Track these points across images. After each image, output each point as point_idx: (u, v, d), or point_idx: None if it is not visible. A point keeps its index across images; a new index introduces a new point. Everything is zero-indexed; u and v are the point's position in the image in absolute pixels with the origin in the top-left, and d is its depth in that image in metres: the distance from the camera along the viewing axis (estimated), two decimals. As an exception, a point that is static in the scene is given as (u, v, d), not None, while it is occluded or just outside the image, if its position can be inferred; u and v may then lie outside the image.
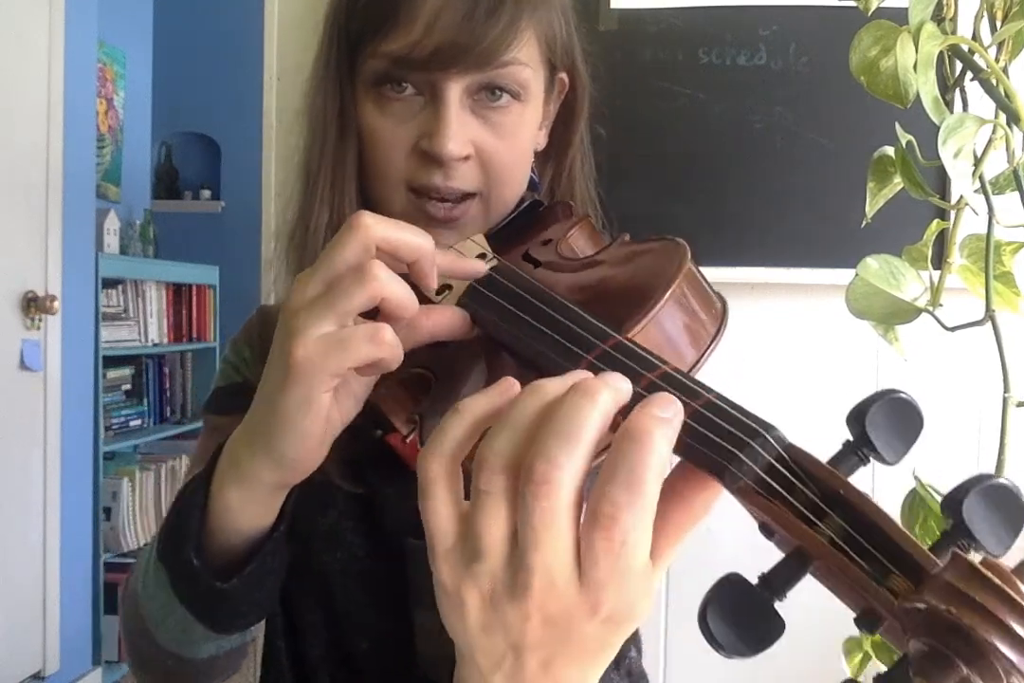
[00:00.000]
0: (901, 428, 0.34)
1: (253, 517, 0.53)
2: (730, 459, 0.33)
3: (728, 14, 1.34)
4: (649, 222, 1.35)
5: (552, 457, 0.32)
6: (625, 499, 0.31)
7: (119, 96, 3.42)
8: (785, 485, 0.33)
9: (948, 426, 1.36)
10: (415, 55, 0.59)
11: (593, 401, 0.33)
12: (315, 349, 0.43)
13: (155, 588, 0.55)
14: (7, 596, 2.24)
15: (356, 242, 0.45)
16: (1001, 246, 0.59)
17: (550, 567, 0.33)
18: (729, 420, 0.34)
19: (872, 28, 0.57)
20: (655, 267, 0.46)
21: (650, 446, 0.32)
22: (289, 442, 0.47)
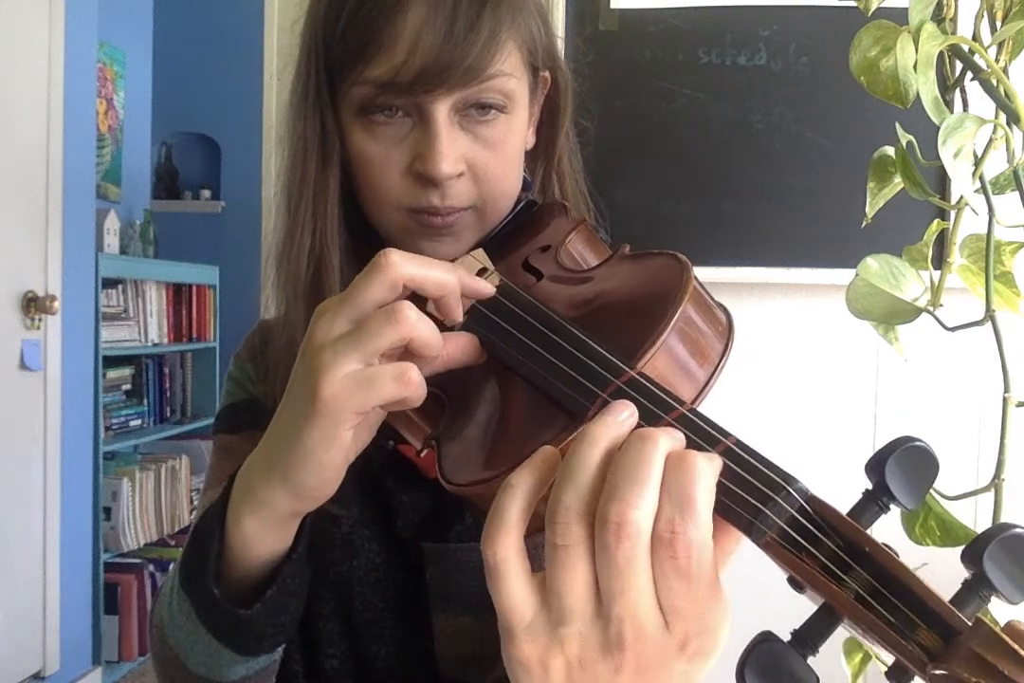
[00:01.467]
0: (918, 475, 0.35)
1: (270, 544, 0.53)
2: (755, 514, 0.34)
3: (728, 14, 1.34)
4: (649, 222, 1.35)
5: (625, 498, 0.33)
6: (679, 517, 0.33)
7: (119, 96, 3.42)
8: (809, 538, 0.34)
9: (948, 426, 1.36)
10: (399, 79, 0.59)
11: (655, 444, 0.35)
12: (342, 388, 0.44)
13: (180, 617, 0.56)
14: (7, 596, 2.24)
15: (384, 281, 0.45)
16: (1001, 246, 0.59)
17: (637, 613, 0.34)
18: (751, 471, 0.35)
19: (872, 28, 0.57)
20: (659, 287, 0.46)
21: (696, 467, 0.33)
22: (308, 474, 0.47)
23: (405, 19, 0.58)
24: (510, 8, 0.61)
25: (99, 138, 3.11)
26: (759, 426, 1.39)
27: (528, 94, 0.67)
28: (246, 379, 0.77)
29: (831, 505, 0.35)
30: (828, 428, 1.38)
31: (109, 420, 2.93)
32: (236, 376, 0.78)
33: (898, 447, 0.35)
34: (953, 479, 0.67)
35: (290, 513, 0.51)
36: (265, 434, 0.51)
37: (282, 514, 0.51)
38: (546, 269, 0.57)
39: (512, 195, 0.67)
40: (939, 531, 0.55)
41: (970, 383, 1.35)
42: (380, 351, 0.44)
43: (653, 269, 0.51)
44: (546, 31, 0.68)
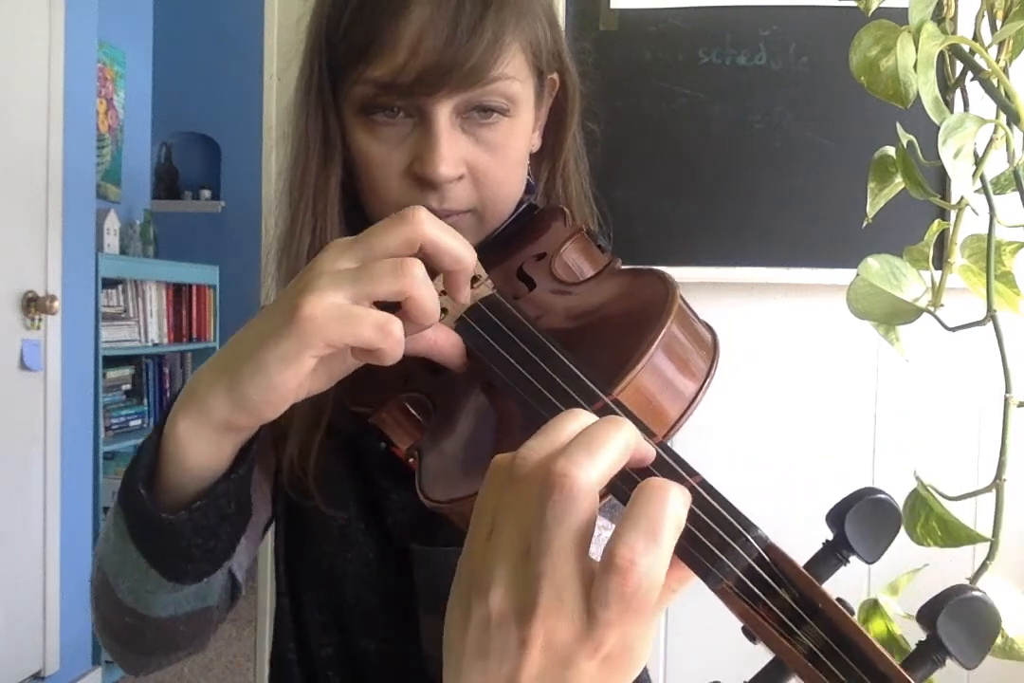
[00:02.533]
0: (879, 529, 0.34)
1: (201, 453, 0.51)
2: (713, 561, 0.34)
3: (728, 14, 1.34)
4: (649, 222, 1.35)
5: (572, 456, 0.33)
6: (643, 546, 0.32)
7: (119, 96, 3.42)
8: (764, 589, 0.34)
9: (949, 426, 1.36)
10: (401, 80, 0.58)
11: (620, 427, 0.35)
12: (323, 312, 0.43)
13: (114, 535, 0.55)
14: (7, 596, 2.24)
15: (404, 233, 0.45)
16: (1002, 246, 0.59)
17: (559, 582, 0.33)
18: (712, 515, 0.35)
19: (872, 28, 0.57)
20: (643, 309, 0.46)
21: (670, 498, 0.33)
22: (255, 387, 0.46)
23: (408, 20, 0.58)
24: (515, 10, 0.60)
25: (99, 138, 3.11)
26: (759, 426, 1.39)
27: (533, 97, 0.66)
28: None
29: (789, 556, 0.34)
30: (828, 428, 1.38)
31: (109, 420, 2.93)
32: None
33: (859, 499, 0.35)
34: (954, 479, 0.67)
35: (224, 422, 0.49)
36: (232, 339, 0.49)
37: (216, 421, 0.49)
38: (539, 279, 0.57)
39: (513, 199, 0.67)
40: (940, 532, 0.55)
41: (971, 383, 1.35)
42: (375, 296, 0.44)
43: (639, 289, 0.51)
44: (553, 33, 0.67)
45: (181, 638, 0.61)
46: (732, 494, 0.37)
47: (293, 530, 0.72)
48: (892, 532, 0.34)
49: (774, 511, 1.38)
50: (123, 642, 0.62)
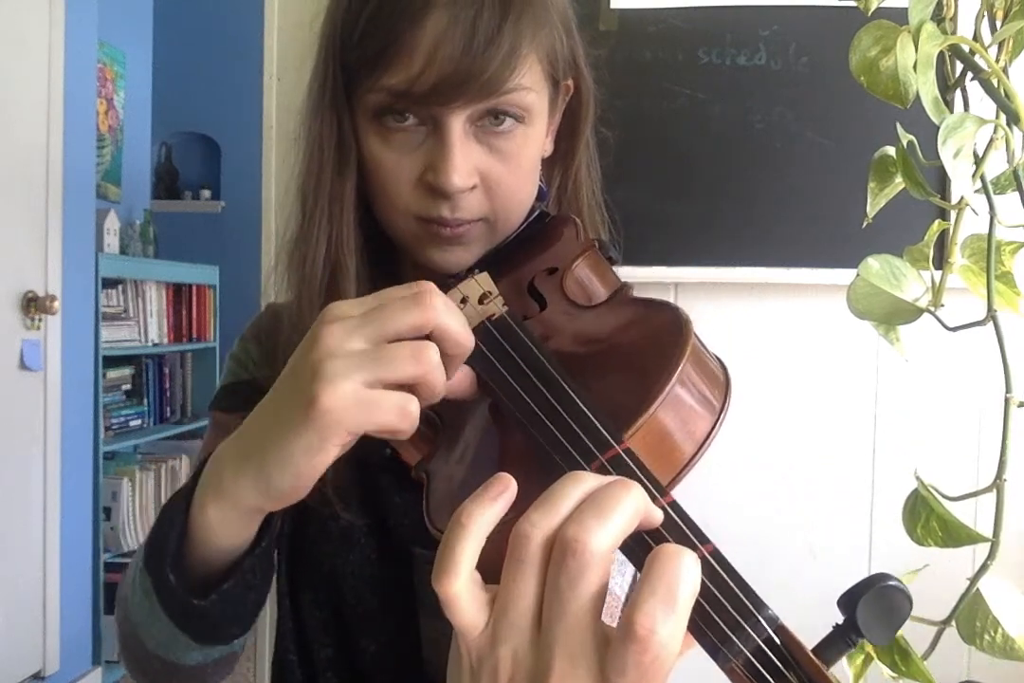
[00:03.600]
0: (890, 615, 0.35)
1: (231, 535, 0.52)
2: (723, 640, 0.34)
3: (728, 14, 1.34)
4: (649, 222, 1.35)
5: (585, 524, 0.33)
6: (663, 615, 0.31)
7: (119, 96, 3.42)
8: (772, 671, 0.33)
9: (949, 426, 1.36)
10: (416, 89, 0.58)
11: (630, 491, 0.35)
12: (343, 404, 0.43)
13: (142, 595, 0.55)
14: (7, 596, 2.24)
15: (419, 319, 0.44)
16: (1002, 246, 0.59)
17: (573, 648, 0.33)
18: (723, 590, 0.35)
19: (872, 28, 0.57)
20: (658, 344, 0.46)
21: (685, 564, 0.32)
22: (283, 478, 0.46)
23: (424, 28, 0.57)
24: (532, 21, 0.59)
25: (99, 138, 3.11)
26: (759, 426, 1.39)
27: (547, 105, 0.66)
28: (248, 359, 0.77)
29: (798, 638, 0.34)
30: (828, 428, 1.38)
31: (109, 420, 2.93)
32: (239, 355, 0.78)
33: (872, 586, 0.35)
34: (954, 480, 0.67)
35: (254, 509, 0.50)
36: (246, 421, 0.49)
37: (246, 509, 0.50)
38: (550, 298, 0.56)
39: (525, 207, 0.67)
40: (941, 532, 0.55)
41: (971, 383, 1.35)
42: (390, 382, 0.44)
43: (653, 322, 0.50)
44: (569, 41, 0.66)
45: (209, 677, 0.62)
46: (732, 494, 0.37)
47: (295, 531, 0.72)
48: (902, 618, 0.35)
49: (774, 511, 1.38)
50: (151, 679, 0.63)
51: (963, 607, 0.54)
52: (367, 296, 0.46)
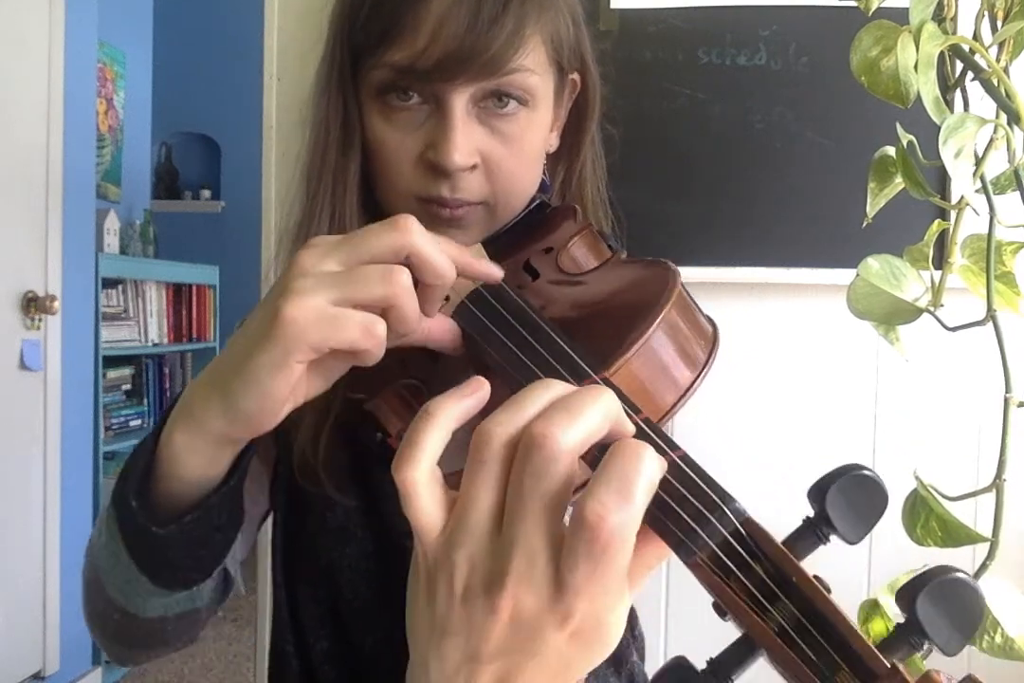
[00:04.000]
0: (863, 507, 0.33)
1: (198, 465, 0.50)
2: (687, 532, 0.33)
3: (728, 14, 1.34)
4: (649, 222, 1.35)
5: (553, 419, 0.33)
6: (615, 504, 0.31)
7: (119, 96, 3.42)
8: (739, 563, 0.33)
9: (949, 427, 1.36)
10: (419, 65, 0.58)
11: (599, 398, 0.34)
12: (306, 315, 0.42)
13: (107, 534, 0.54)
14: (7, 596, 2.24)
15: (393, 241, 0.44)
16: (1002, 246, 0.59)
17: (531, 549, 0.32)
18: (690, 487, 0.34)
19: (873, 28, 0.57)
20: (644, 295, 0.46)
21: (644, 457, 0.32)
22: (247, 398, 0.45)
23: (429, 6, 0.58)
24: (538, 4, 0.60)
25: (99, 138, 3.11)
26: (759, 426, 1.39)
27: (552, 93, 0.66)
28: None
29: (766, 530, 0.33)
30: (828, 428, 1.38)
31: (109, 420, 2.93)
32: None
33: (843, 474, 0.34)
34: (954, 479, 0.67)
35: (220, 435, 0.49)
36: (222, 352, 0.49)
37: (213, 435, 0.48)
38: (543, 271, 0.56)
39: (527, 194, 0.67)
40: (940, 532, 0.55)
41: (971, 383, 1.35)
42: (359, 302, 0.43)
43: (642, 276, 0.51)
44: (576, 31, 0.67)
45: (170, 636, 0.61)
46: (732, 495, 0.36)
47: (292, 522, 0.72)
48: (877, 511, 0.34)
49: (774, 511, 1.38)
50: (110, 636, 0.62)
51: (963, 607, 0.54)
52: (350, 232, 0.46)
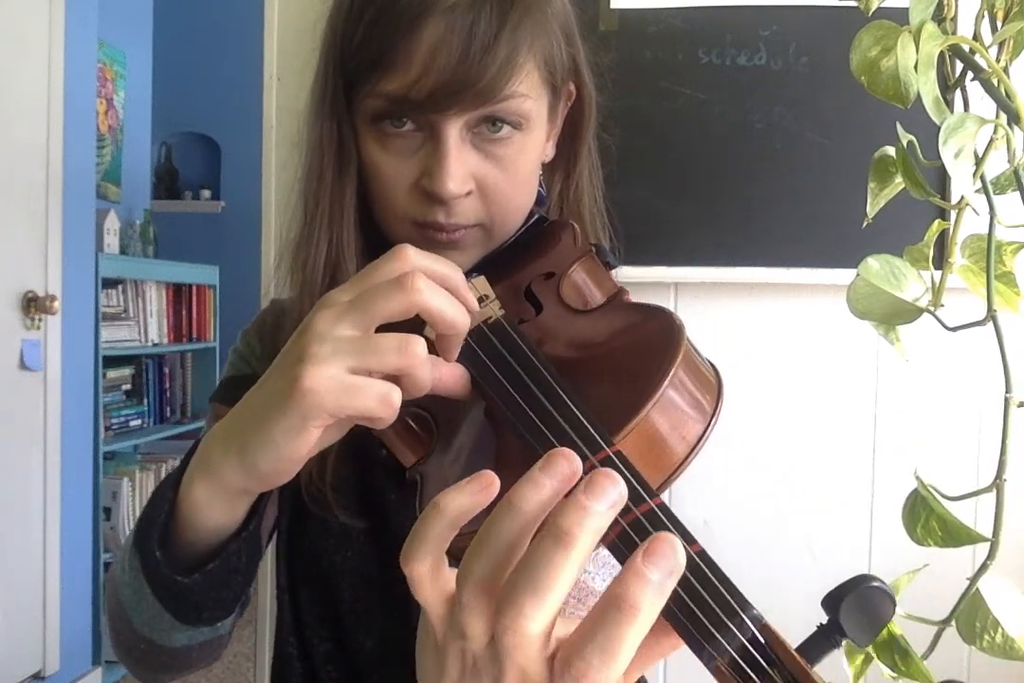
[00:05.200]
0: (873, 615, 0.35)
1: (217, 515, 0.52)
2: (708, 639, 0.34)
3: (728, 14, 1.34)
4: (649, 222, 1.35)
5: (521, 607, 0.32)
6: (598, 662, 0.31)
7: (119, 96, 3.42)
8: (756, 670, 0.34)
9: (949, 426, 1.36)
10: (412, 96, 0.58)
11: (567, 552, 0.31)
12: (324, 386, 0.43)
13: (130, 573, 0.55)
14: (7, 596, 2.24)
15: (403, 301, 0.44)
16: (1002, 246, 0.59)
17: (522, 669, 0.33)
18: (710, 591, 0.35)
19: (872, 28, 0.57)
20: (651, 351, 0.46)
21: (634, 619, 0.31)
22: (266, 459, 0.46)
23: (421, 36, 0.57)
24: (531, 29, 0.60)
25: (99, 138, 3.11)
26: (759, 426, 1.39)
27: (546, 112, 0.66)
28: (251, 354, 0.77)
29: (782, 637, 0.34)
30: (828, 428, 1.38)
31: (109, 420, 2.93)
32: (241, 350, 0.79)
33: (855, 587, 0.35)
34: (954, 479, 0.67)
35: (239, 489, 0.50)
36: (237, 404, 0.50)
37: (231, 489, 0.50)
38: (546, 302, 0.56)
39: (522, 212, 0.67)
40: (940, 532, 0.55)
41: (971, 383, 1.35)
42: (375, 371, 0.44)
43: (647, 327, 0.50)
44: (569, 48, 0.66)
45: (194, 661, 0.62)
46: (732, 494, 0.36)
47: (294, 525, 0.73)
48: (885, 619, 0.35)
49: (774, 511, 1.38)
50: (137, 661, 0.63)
51: (963, 607, 0.54)
52: (358, 275, 0.46)
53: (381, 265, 0.45)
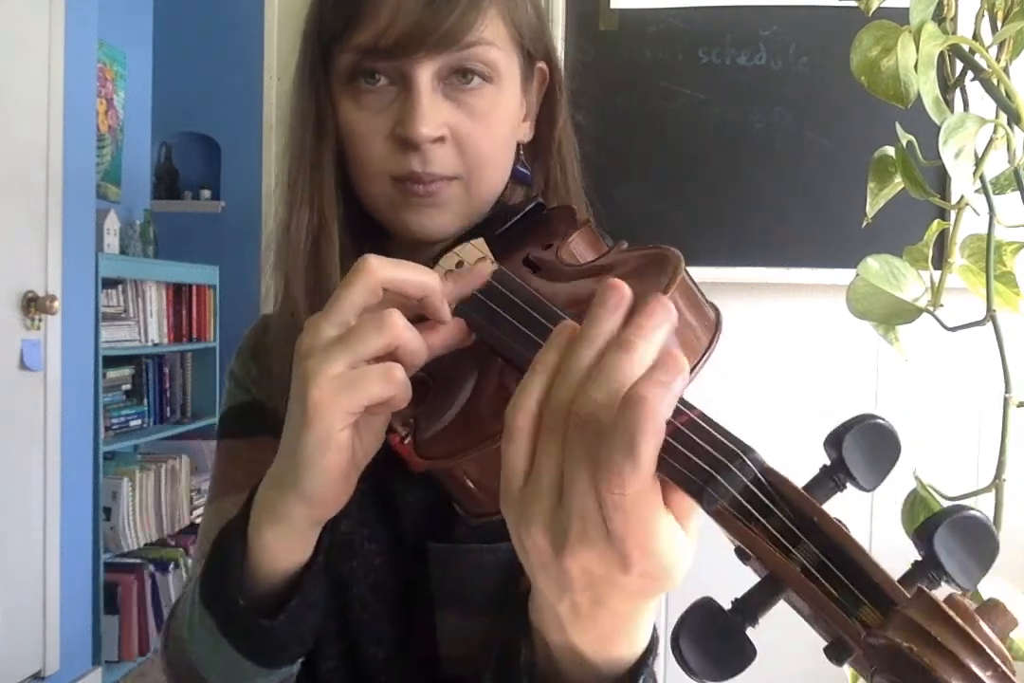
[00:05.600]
0: (878, 454, 0.35)
1: (291, 554, 0.54)
2: (707, 480, 0.34)
3: (728, 14, 1.34)
4: (649, 222, 1.35)
5: (592, 396, 0.35)
6: (623, 459, 0.33)
7: (119, 96, 3.42)
8: (761, 509, 0.34)
9: (948, 426, 1.36)
10: (382, 44, 0.60)
11: (631, 356, 0.36)
12: (329, 391, 0.45)
13: (201, 632, 0.56)
14: (7, 596, 2.24)
15: (364, 285, 0.46)
16: (1002, 246, 0.59)
17: (584, 512, 0.35)
18: (708, 440, 0.35)
19: (873, 28, 0.57)
20: (648, 278, 0.46)
21: (648, 412, 0.33)
22: (314, 480, 0.48)
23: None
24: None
25: (99, 138, 3.11)
26: (759, 426, 1.39)
27: (519, 73, 0.67)
28: (247, 378, 0.76)
29: (786, 477, 0.34)
30: (828, 428, 1.38)
31: (109, 420, 2.93)
32: (237, 374, 0.78)
33: (859, 423, 0.35)
34: (954, 479, 0.67)
35: (307, 521, 0.52)
36: (276, 457, 0.51)
37: (301, 524, 0.52)
38: (544, 264, 0.57)
39: (500, 173, 0.68)
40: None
41: (970, 383, 1.35)
42: (367, 356, 0.45)
43: (645, 262, 0.51)
44: (538, 15, 0.69)
45: None
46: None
47: None
48: (891, 458, 0.34)
49: (774, 511, 1.38)
50: None
51: (963, 607, 0.54)
52: (332, 298, 0.48)
53: (350, 282, 0.47)
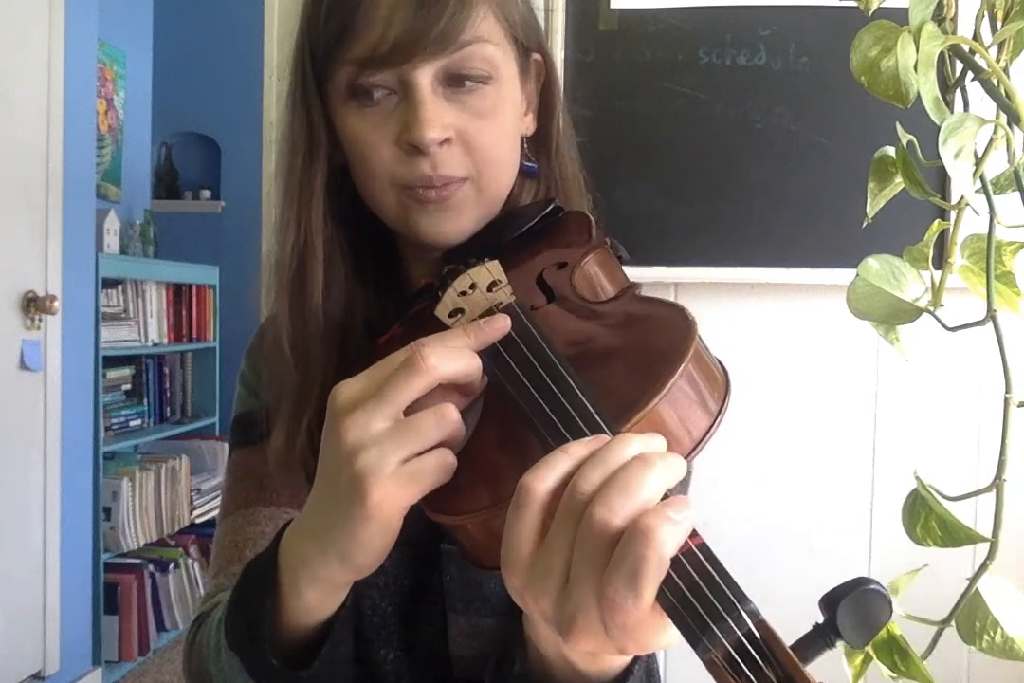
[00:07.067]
0: (869, 621, 0.36)
1: (328, 608, 0.54)
2: (704, 630, 0.35)
3: (728, 14, 1.34)
4: (649, 222, 1.35)
5: (611, 505, 0.36)
6: (626, 591, 0.35)
7: (119, 96, 3.42)
8: (751, 666, 0.34)
9: (949, 426, 1.36)
10: (378, 53, 0.60)
11: (653, 469, 0.38)
12: (391, 490, 0.44)
13: (230, 672, 0.56)
14: (7, 596, 2.24)
15: (423, 383, 0.45)
16: (1002, 246, 0.59)
17: (588, 612, 0.37)
18: (709, 583, 0.36)
19: (873, 28, 0.57)
20: (661, 346, 0.46)
21: (655, 543, 0.35)
22: (366, 557, 0.48)
23: (377, 2, 0.60)
24: None
25: (99, 138, 3.11)
26: (759, 427, 1.39)
27: (516, 67, 0.67)
28: (257, 381, 0.77)
29: (778, 634, 0.35)
30: (828, 428, 1.38)
31: (109, 420, 2.94)
32: (248, 378, 0.78)
33: (854, 588, 0.36)
34: (954, 479, 0.67)
35: (350, 582, 0.53)
36: (309, 512, 0.51)
37: (342, 583, 0.52)
38: (558, 291, 0.56)
39: (509, 170, 0.68)
40: (940, 532, 0.55)
41: (971, 383, 1.35)
42: (424, 448, 0.45)
43: (660, 323, 0.50)
44: (529, 14, 0.69)
45: None
46: (732, 494, 0.37)
47: None
48: (881, 623, 0.36)
49: (774, 511, 1.38)
50: None
51: (963, 607, 0.54)
52: (365, 372, 0.47)
53: (406, 379, 0.45)
